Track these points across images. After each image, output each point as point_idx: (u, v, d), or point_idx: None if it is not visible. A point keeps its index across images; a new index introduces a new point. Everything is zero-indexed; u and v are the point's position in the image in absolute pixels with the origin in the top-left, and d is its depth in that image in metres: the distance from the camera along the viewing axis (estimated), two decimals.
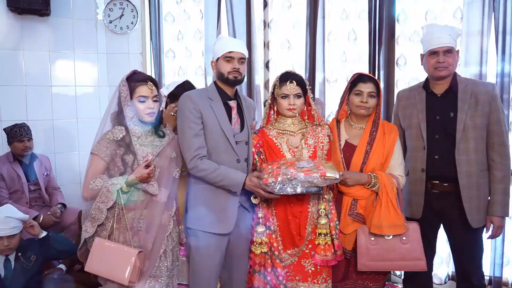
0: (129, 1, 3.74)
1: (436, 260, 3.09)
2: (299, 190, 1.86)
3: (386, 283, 3.25)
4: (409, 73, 3.09)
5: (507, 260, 2.98)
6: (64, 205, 3.38)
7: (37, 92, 3.60)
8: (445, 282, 3.10)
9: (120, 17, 3.74)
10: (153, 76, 3.82)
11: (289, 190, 1.85)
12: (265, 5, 3.40)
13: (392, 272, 3.25)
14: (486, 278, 2.97)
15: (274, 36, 3.43)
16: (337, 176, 1.85)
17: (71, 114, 3.73)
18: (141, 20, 3.78)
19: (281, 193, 1.87)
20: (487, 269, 2.99)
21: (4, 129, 3.28)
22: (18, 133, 3.24)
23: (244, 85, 3.52)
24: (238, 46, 2.06)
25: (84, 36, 3.69)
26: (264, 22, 3.43)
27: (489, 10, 2.82)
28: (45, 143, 3.64)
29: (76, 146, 3.75)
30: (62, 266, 2.78)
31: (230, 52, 2.03)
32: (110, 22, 3.73)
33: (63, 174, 3.68)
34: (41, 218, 3.14)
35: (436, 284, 3.11)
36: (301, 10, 3.34)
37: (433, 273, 3.09)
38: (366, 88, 2.14)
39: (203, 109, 2.01)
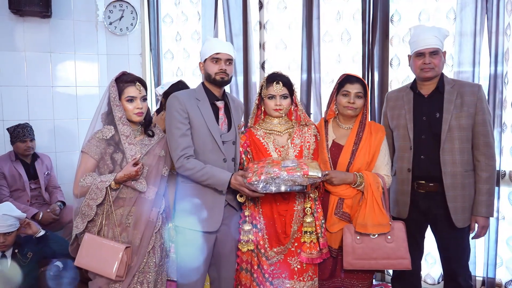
0: (129, 3, 3.80)
1: (429, 260, 3.11)
2: (283, 188, 1.89)
3: (381, 283, 3.28)
4: (403, 74, 3.10)
5: (501, 261, 2.97)
6: (63, 203, 3.45)
7: (39, 92, 3.68)
8: (439, 283, 3.10)
9: (120, 19, 3.81)
10: (152, 77, 3.93)
11: (273, 189, 1.89)
12: (261, 6, 3.44)
13: (386, 272, 3.27)
14: (479, 279, 3.00)
15: (270, 37, 3.46)
16: (320, 175, 1.88)
17: (72, 114, 3.81)
18: (140, 21, 3.85)
19: (265, 192, 1.90)
20: (480, 270, 2.99)
21: (8, 129, 3.36)
22: (21, 134, 3.31)
23: (241, 85, 3.57)
24: (225, 48, 2.09)
25: (84, 37, 3.77)
26: (260, 23, 3.47)
27: (482, 10, 2.82)
28: (47, 142, 3.73)
29: (77, 145, 3.81)
30: (58, 263, 2.83)
31: (217, 53, 2.07)
32: (110, 23, 3.80)
33: (64, 173, 3.75)
34: (40, 216, 3.22)
35: (429, 284, 3.12)
36: (296, 11, 3.36)
37: (426, 273, 3.13)
38: (353, 89, 2.17)
39: (190, 110, 2.05)
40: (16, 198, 3.29)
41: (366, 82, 3.15)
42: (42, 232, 2.64)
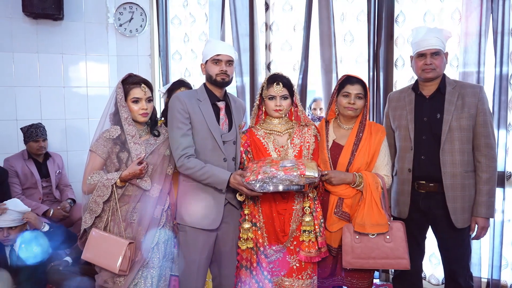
0: (138, 5, 3.88)
1: (433, 261, 3.11)
2: (280, 188, 1.92)
3: (385, 283, 3.29)
4: (408, 74, 3.10)
5: (506, 262, 2.96)
6: (73, 201, 3.55)
7: (51, 92, 3.79)
8: (443, 283, 3.10)
9: (130, 21, 3.90)
10: (161, 77, 3.99)
11: (270, 188, 1.92)
12: (267, 8, 3.48)
13: (390, 272, 3.27)
14: (484, 280, 2.98)
15: (275, 38, 3.49)
16: (316, 175, 1.90)
17: (83, 114, 3.91)
18: (149, 23, 3.93)
19: (262, 191, 1.94)
20: (485, 271, 2.98)
21: (21, 129, 3.47)
22: (34, 134, 3.42)
23: (247, 86, 3.61)
24: (226, 49, 2.14)
25: (95, 39, 3.87)
26: (266, 24, 3.50)
27: (487, 11, 2.81)
28: (59, 142, 3.83)
29: (88, 144, 3.75)
30: (68, 258, 2.92)
31: (218, 55, 2.12)
32: (120, 25, 3.88)
33: (75, 171, 3.84)
34: (51, 212, 3.32)
35: (433, 285, 3.12)
36: (301, 12, 3.38)
37: (430, 273, 3.13)
38: (353, 89, 2.19)
39: (191, 110, 2.10)
40: (28, 196, 3.40)
41: (367, 83, 3.16)
42: (46, 227, 2.72)
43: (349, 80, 2.22)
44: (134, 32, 3.91)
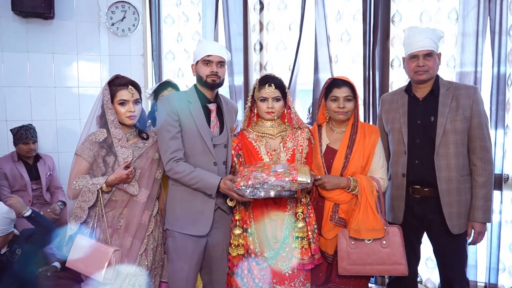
0: (131, 4, 3.81)
1: (429, 265, 3.07)
2: (272, 194, 1.86)
3: (381, 287, 3.24)
4: (404, 75, 3.03)
5: (503, 266, 2.91)
6: (64, 203, 3.48)
7: (42, 93, 3.71)
8: (439, 287, 3.05)
9: (122, 20, 3.82)
10: (154, 77, 3.92)
11: (261, 194, 1.86)
12: (262, 7, 3.41)
13: (386, 276, 3.22)
14: (481, 284, 2.94)
15: (271, 37, 3.42)
16: (309, 181, 1.83)
17: (74, 114, 3.83)
18: (142, 22, 3.85)
19: (252, 197, 1.87)
20: (482, 275, 2.93)
21: (11, 130, 3.39)
22: (24, 136, 3.34)
23: (241, 86, 3.55)
24: (217, 50, 2.07)
25: (87, 38, 3.79)
26: (261, 24, 3.44)
27: (484, 11, 2.77)
28: (50, 143, 3.76)
29: None
30: (56, 263, 2.85)
31: (209, 55, 2.05)
32: (112, 24, 3.81)
33: (66, 173, 3.69)
34: None
35: None
36: (297, 12, 3.32)
37: (427, 277, 3.09)
38: (341, 93, 2.11)
39: (181, 112, 2.03)
40: None
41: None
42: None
43: (335, 83, 2.14)
44: (126, 32, 3.83)
